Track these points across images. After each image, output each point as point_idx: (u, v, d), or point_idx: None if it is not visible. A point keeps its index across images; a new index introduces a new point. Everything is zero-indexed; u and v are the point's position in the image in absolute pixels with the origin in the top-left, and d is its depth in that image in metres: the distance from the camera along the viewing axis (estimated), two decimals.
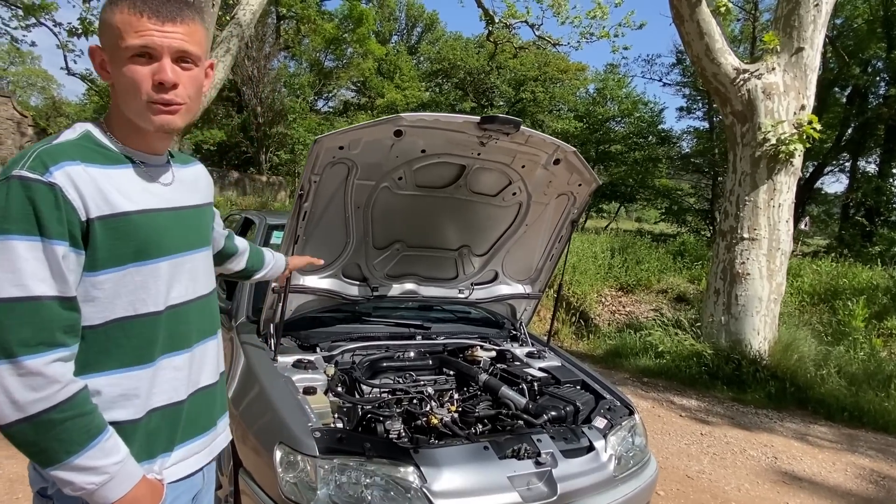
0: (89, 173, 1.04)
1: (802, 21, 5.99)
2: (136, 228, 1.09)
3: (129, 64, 1.07)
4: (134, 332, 1.12)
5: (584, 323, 8.02)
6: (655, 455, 4.01)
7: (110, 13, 1.08)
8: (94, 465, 1.02)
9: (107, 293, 1.07)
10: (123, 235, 1.07)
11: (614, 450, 2.30)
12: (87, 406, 1.03)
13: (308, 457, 1.85)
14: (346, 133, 2.18)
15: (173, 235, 1.18)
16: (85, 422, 1.01)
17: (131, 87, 1.08)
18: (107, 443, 1.04)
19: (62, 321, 1.01)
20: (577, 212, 2.84)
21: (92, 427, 1.02)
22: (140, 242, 1.10)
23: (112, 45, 1.08)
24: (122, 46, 1.07)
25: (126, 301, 1.10)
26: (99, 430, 1.03)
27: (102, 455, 1.03)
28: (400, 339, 2.84)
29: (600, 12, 13.87)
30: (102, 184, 1.06)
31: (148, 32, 1.06)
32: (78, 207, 1.02)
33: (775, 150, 5.95)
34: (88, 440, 1.01)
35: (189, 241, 1.23)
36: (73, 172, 1.02)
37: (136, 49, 1.07)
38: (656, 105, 26.00)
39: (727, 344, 6.15)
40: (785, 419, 5.13)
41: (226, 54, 11.87)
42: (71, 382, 1.01)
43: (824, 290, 8.07)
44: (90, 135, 1.12)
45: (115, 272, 1.08)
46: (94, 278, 1.06)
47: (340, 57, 26.75)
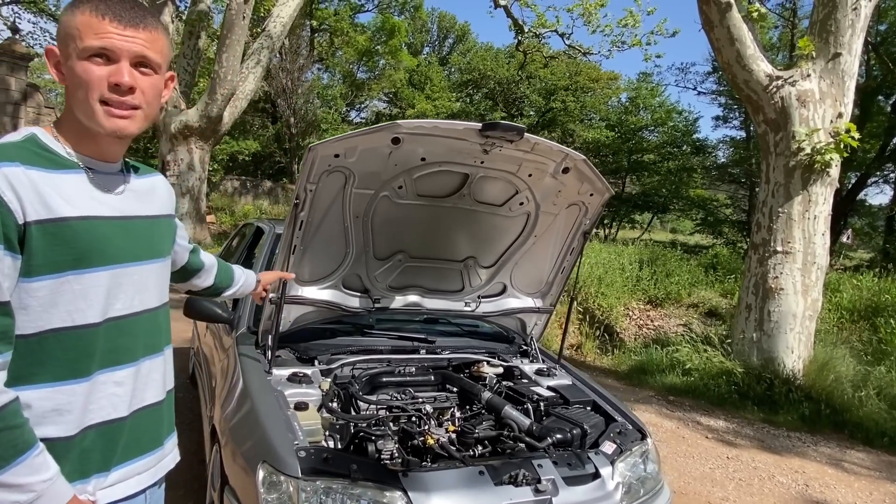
0: (28, 176, 1.01)
1: (839, 25, 5.73)
2: (75, 235, 1.05)
3: (86, 63, 1.05)
4: (69, 343, 1.07)
5: (609, 337, 7.80)
6: (677, 479, 3.84)
7: (71, 15, 1.06)
8: (20, 483, 0.97)
9: (41, 301, 1.03)
10: (62, 241, 1.03)
11: (623, 477, 2.16)
12: (16, 419, 0.98)
13: (290, 477, 1.77)
14: (341, 141, 2.11)
15: (118, 245, 1.13)
16: (12, 436, 0.97)
17: (85, 86, 1.06)
18: (35, 459, 0.99)
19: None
20: (589, 223, 2.71)
21: (20, 442, 0.97)
22: (80, 250, 1.06)
23: (70, 46, 1.06)
24: (80, 47, 1.05)
25: (63, 311, 1.05)
26: (28, 446, 0.98)
27: (29, 472, 0.98)
28: (403, 353, 2.74)
29: (632, 21, 13.71)
30: (42, 188, 1.02)
31: (108, 35, 1.05)
32: (14, 210, 0.98)
33: (810, 159, 5.69)
34: (15, 455, 0.96)
35: (136, 251, 1.18)
36: (10, 174, 0.99)
37: (94, 50, 1.05)
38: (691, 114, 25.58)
39: (759, 362, 5.88)
40: (819, 443, 4.85)
41: (256, 66, 12.12)
42: (1, 393, 0.97)
43: (865, 306, 7.66)
44: (35, 138, 1.09)
45: (52, 279, 1.03)
46: (28, 285, 1.02)
47: (373, 68, 27.08)
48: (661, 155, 22.72)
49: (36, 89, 12.54)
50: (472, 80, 28.45)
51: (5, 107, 11.86)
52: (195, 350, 4.20)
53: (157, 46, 1.11)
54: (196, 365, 4.00)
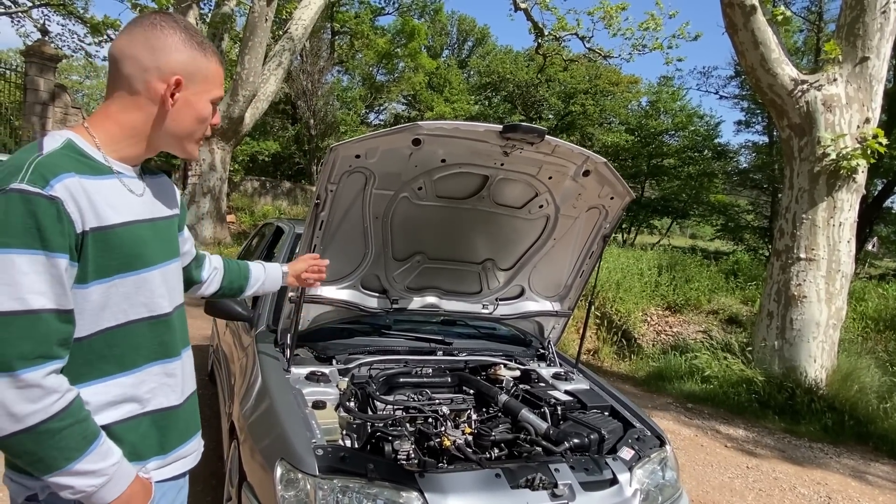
0: (83, 185, 1.06)
1: (868, 29, 5.63)
2: (121, 241, 1.11)
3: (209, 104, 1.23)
4: (118, 341, 1.14)
5: (627, 343, 7.73)
6: (695, 488, 3.78)
7: (206, 61, 1.20)
8: (94, 469, 1.05)
9: (94, 305, 1.09)
10: (110, 248, 1.10)
11: (640, 484, 2.13)
12: (83, 412, 1.06)
13: (308, 475, 1.78)
14: (362, 141, 2.12)
15: (152, 246, 1.20)
16: (82, 428, 1.04)
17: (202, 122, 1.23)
18: (102, 446, 1.07)
19: (59, 334, 1.03)
20: (609, 226, 2.69)
21: (88, 433, 1.06)
22: (125, 254, 1.12)
23: (199, 85, 1.20)
24: (210, 90, 1.22)
25: (111, 312, 1.12)
26: (95, 435, 1.07)
27: (100, 458, 1.06)
28: (420, 354, 2.74)
29: (653, 24, 13.61)
30: (93, 196, 1.07)
31: (222, 88, 1.26)
32: (76, 220, 1.03)
33: (836, 165, 5.59)
34: (86, 445, 1.05)
35: (165, 251, 1.25)
36: (71, 185, 1.03)
37: (218, 98, 1.25)
38: (712, 118, 25.30)
39: (780, 371, 5.78)
40: (842, 455, 4.75)
41: (278, 67, 12.24)
42: (67, 391, 1.03)
43: (891, 316, 7.50)
44: (73, 144, 1.12)
45: (102, 284, 1.10)
46: (83, 290, 1.08)
47: (392, 71, 27.17)
48: (681, 159, 22.50)
49: (63, 90, 12.79)
50: (491, 82, 28.42)
51: (34, 107, 12.11)
52: (214, 348, 4.25)
53: None
54: (215, 362, 4.04)
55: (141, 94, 1.14)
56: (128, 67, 1.14)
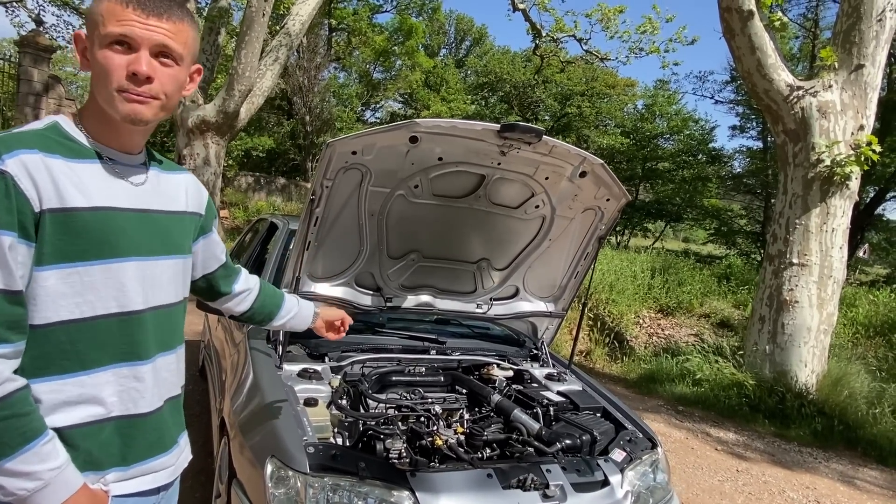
0: (46, 164, 1.00)
1: (863, 37, 5.66)
2: (85, 226, 1.03)
3: (106, 50, 1.05)
4: (77, 335, 1.05)
5: (619, 344, 7.74)
6: (685, 491, 3.79)
7: (98, 1, 1.06)
8: (28, 471, 0.96)
9: (49, 292, 1.01)
10: (71, 231, 1.02)
11: (632, 486, 2.13)
12: (24, 407, 0.98)
13: (299, 473, 1.77)
14: (359, 138, 2.11)
15: (133, 238, 1.11)
16: (19, 423, 0.96)
17: (104, 73, 1.05)
18: (43, 447, 0.98)
19: (5, 316, 0.96)
20: (604, 228, 2.69)
21: (27, 430, 0.97)
22: (90, 241, 1.04)
23: (94, 33, 1.06)
24: (101, 34, 1.05)
25: (71, 302, 1.04)
26: (36, 434, 0.98)
27: (37, 460, 0.97)
28: (413, 353, 2.73)
29: (650, 27, 13.63)
30: (58, 176, 1.01)
31: (129, 22, 1.04)
32: (31, 198, 0.97)
33: (830, 171, 5.62)
34: (22, 443, 0.96)
35: (153, 246, 1.16)
36: (28, 161, 0.98)
37: (115, 37, 1.04)
38: (707, 123, 25.37)
39: (771, 375, 5.80)
40: (831, 459, 4.78)
41: (274, 63, 12.18)
42: (7, 381, 0.96)
43: (881, 322, 7.55)
44: (58, 126, 1.08)
45: (60, 269, 1.02)
46: (39, 273, 1.00)
47: (389, 69, 27.12)
48: (675, 163, 22.57)
49: (58, 81, 12.68)
50: (487, 82, 28.41)
51: (27, 97, 12.00)
52: (206, 343, 4.22)
53: (180, 37, 1.09)
54: (206, 358, 4.02)
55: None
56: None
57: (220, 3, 12.47)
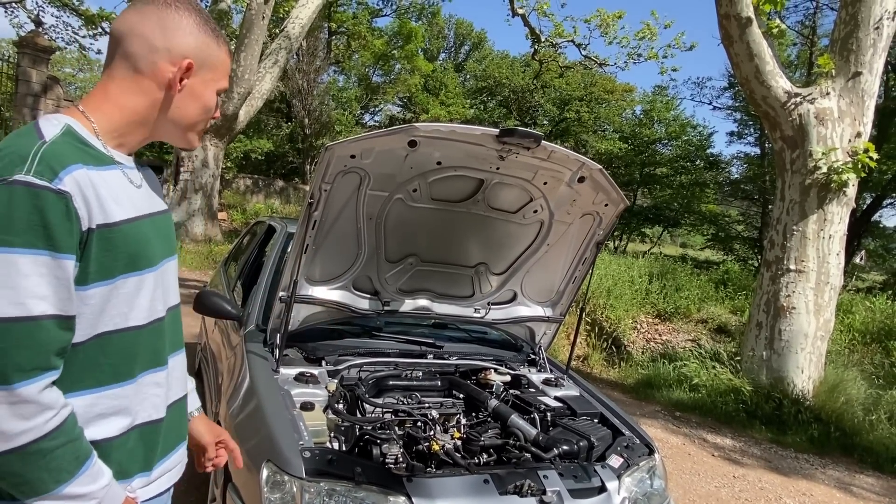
0: (90, 178, 0.96)
1: (861, 44, 5.69)
2: (125, 238, 1.02)
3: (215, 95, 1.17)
4: (115, 347, 1.04)
5: (617, 350, 7.74)
6: (682, 497, 3.79)
7: (218, 49, 1.14)
8: (84, 492, 0.96)
9: (93, 308, 0.99)
10: (114, 246, 1.00)
11: (629, 492, 2.13)
12: (76, 430, 0.97)
13: (294, 478, 1.76)
14: (358, 141, 2.11)
15: (154, 244, 1.10)
16: (74, 448, 0.95)
17: (206, 112, 1.16)
18: (94, 467, 0.98)
19: (59, 343, 0.93)
20: (602, 233, 2.69)
21: (81, 453, 0.96)
22: (127, 253, 1.03)
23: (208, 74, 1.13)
24: (219, 82, 1.16)
25: (109, 315, 1.02)
26: (87, 455, 0.97)
27: (91, 481, 0.97)
28: (410, 357, 2.73)
29: (649, 33, 13.68)
30: (100, 189, 0.98)
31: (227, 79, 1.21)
32: (83, 217, 0.94)
33: (827, 178, 5.64)
34: (78, 467, 0.95)
35: (165, 249, 1.15)
36: (80, 178, 0.94)
37: (223, 90, 1.20)
38: (705, 129, 25.46)
39: (768, 381, 5.81)
40: (827, 466, 4.78)
41: (273, 66, 12.19)
42: (63, 407, 0.94)
43: (878, 329, 7.57)
44: (72, 130, 1.01)
45: (105, 286, 1.00)
46: (83, 293, 0.97)
47: (388, 72, 27.16)
48: (673, 168, 22.63)
49: (56, 82, 12.68)
50: (486, 87, 28.49)
51: (25, 98, 11.99)
52: (202, 346, 4.20)
53: None
54: (202, 361, 4.00)
55: (145, 76, 1.05)
56: (134, 45, 1.04)
57: (220, 5, 12.49)
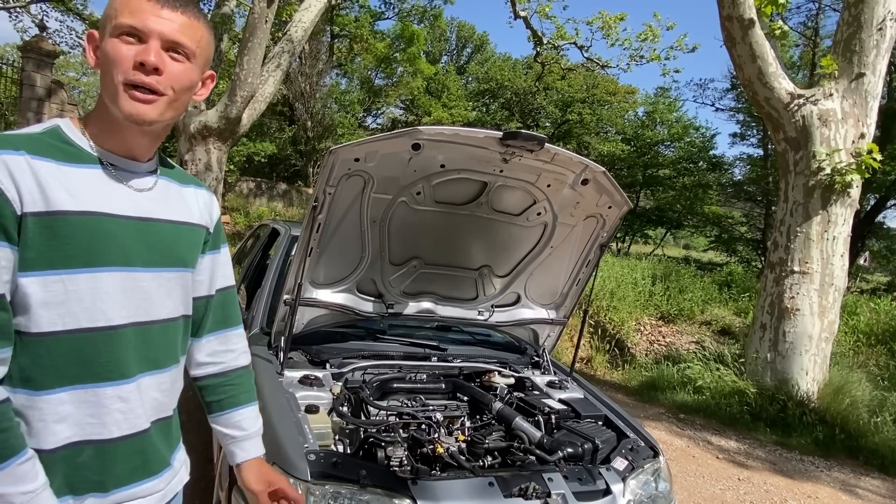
0: (32, 165, 0.95)
1: (864, 45, 5.68)
2: (73, 231, 0.97)
3: (115, 41, 1.01)
4: (58, 349, 0.98)
5: (620, 352, 7.73)
6: (687, 500, 3.78)
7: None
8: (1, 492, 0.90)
9: (31, 300, 0.95)
10: (58, 236, 0.96)
11: (634, 495, 2.12)
12: (3, 423, 0.92)
13: (300, 480, 1.76)
14: (361, 145, 2.11)
15: (125, 246, 1.04)
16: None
17: (110, 63, 1.00)
18: (20, 467, 0.92)
19: None
20: (606, 235, 2.69)
21: (4, 447, 0.91)
22: (77, 247, 0.98)
23: (106, 27, 1.02)
24: (113, 24, 1.01)
25: (54, 313, 0.97)
26: (13, 452, 0.91)
27: (11, 481, 0.91)
28: (414, 360, 2.73)
29: (651, 35, 13.67)
30: (45, 179, 0.96)
31: (142, 13, 1.00)
32: (12, 199, 0.92)
33: (831, 179, 5.63)
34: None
35: (149, 256, 1.08)
36: (9, 161, 0.93)
37: (125, 27, 1.00)
38: (708, 130, 25.42)
39: (772, 383, 5.79)
40: (832, 468, 4.76)
41: (276, 69, 12.22)
42: None
43: (883, 330, 7.55)
44: (58, 130, 1.04)
45: (43, 276, 0.95)
46: (20, 280, 0.94)
47: (390, 75, 27.20)
48: (676, 170, 22.61)
49: (60, 86, 12.73)
50: (489, 89, 28.51)
51: (30, 102, 12.04)
52: None
53: (193, 34, 1.05)
54: None
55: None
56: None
57: (223, 9, 12.53)
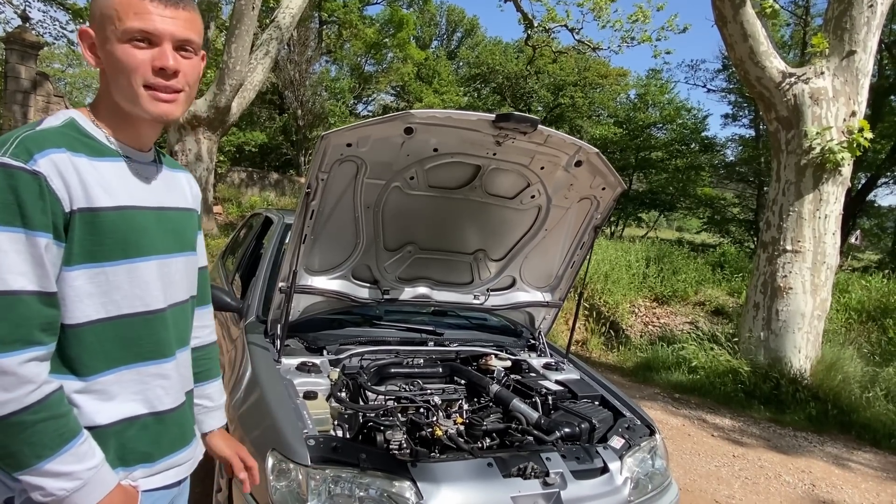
0: (74, 163, 0.99)
1: (855, 23, 5.67)
2: (112, 225, 1.04)
3: (126, 46, 1.02)
4: (106, 335, 1.06)
5: (615, 334, 7.78)
6: (682, 477, 3.83)
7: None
8: (67, 471, 0.97)
9: (78, 292, 1.02)
10: (98, 232, 1.02)
11: (631, 472, 2.15)
12: (61, 408, 0.99)
13: (300, 466, 1.77)
14: (353, 130, 2.10)
15: (153, 236, 1.12)
16: (57, 425, 0.97)
17: (126, 70, 1.03)
18: (80, 447, 0.99)
19: (40, 318, 0.96)
20: (600, 217, 2.69)
21: (65, 430, 0.98)
22: (116, 241, 1.05)
23: (107, 28, 1.02)
24: (119, 29, 1.01)
25: (98, 302, 1.04)
26: (73, 434, 0.99)
27: (75, 460, 0.98)
28: (411, 345, 2.74)
29: (642, 16, 13.60)
30: (85, 176, 1.01)
31: (149, 15, 1.01)
32: (62, 198, 0.97)
33: (822, 158, 5.64)
34: (61, 444, 0.97)
35: (169, 243, 1.16)
36: (58, 161, 0.97)
37: (135, 32, 1.01)
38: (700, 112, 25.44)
39: (766, 361, 5.85)
40: (826, 443, 4.83)
41: (265, 57, 12.10)
42: (45, 383, 0.96)
43: (874, 307, 7.61)
44: (75, 123, 1.06)
45: (88, 269, 1.02)
46: (68, 273, 1.01)
47: (380, 61, 26.98)
48: (669, 152, 22.63)
49: (45, 78, 12.57)
50: (480, 74, 28.34)
51: (15, 95, 11.89)
52: None
53: (197, 28, 1.09)
54: None
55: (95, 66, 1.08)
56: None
57: None
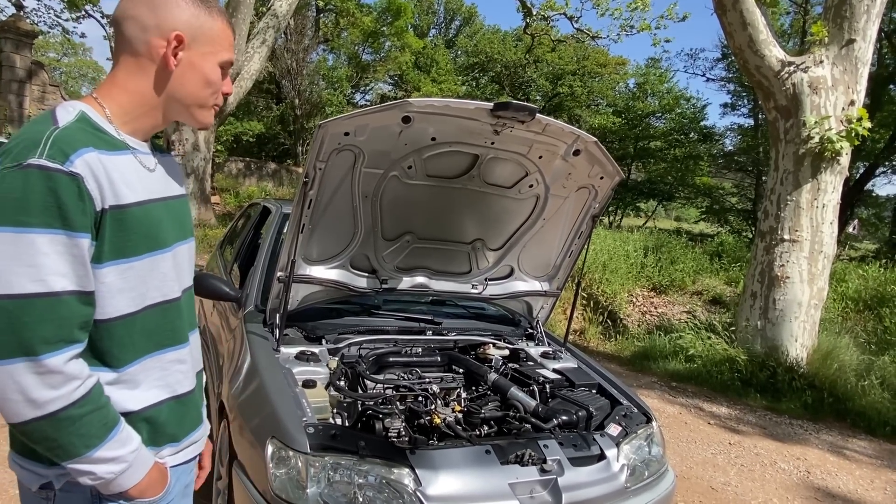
0: (102, 161, 1.01)
1: (854, 11, 5.64)
2: (137, 221, 1.07)
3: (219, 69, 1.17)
4: (134, 327, 1.10)
5: (613, 323, 7.81)
6: (679, 464, 3.86)
7: (210, 19, 1.13)
8: (114, 456, 1.04)
9: (108, 287, 1.05)
10: (126, 228, 1.05)
11: (628, 459, 2.17)
12: (103, 399, 1.04)
13: (299, 453, 1.79)
14: (351, 118, 2.09)
15: (167, 227, 1.15)
16: (101, 415, 1.03)
17: (211, 87, 1.17)
18: (122, 433, 1.06)
19: (80, 317, 1.00)
20: (598, 206, 2.70)
21: (108, 419, 1.04)
22: (140, 235, 1.08)
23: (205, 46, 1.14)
24: (219, 55, 1.16)
25: (128, 297, 1.08)
26: (115, 422, 1.05)
27: (120, 445, 1.05)
28: (409, 334, 2.75)
29: (641, 4, 13.52)
30: (112, 173, 1.03)
31: (232, 48, 1.20)
32: (96, 197, 0.99)
33: (820, 147, 5.64)
34: (106, 433, 1.03)
35: (177, 232, 1.20)
36: (90, 161, 0.99)
37: (228, 62, 1.18)
38: (699, 101, 25.38)
39: (762, 350, 5.88)
40: (821, 431, 4.87)
41: (262, 45, 12.02)
42: (88, 378, 1.01)
43: (871, 296, 7.64)
44: (86, 116, 1.06)
45: (119, 265, 1.05)
46: (99, 271, 1.03)
47: (378, 50, 26.81)
48: (667, 142, 22.59)
49: (41, 67, 12.49)
50: (478, 63, 28.18)
51: (10, 84, 11.82)
52: (201, 329, 4.21)
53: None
54: (202, 343, 4.02)
55: (143, 56, 1.09)
56: (129, 29, 1.09)
57: None
